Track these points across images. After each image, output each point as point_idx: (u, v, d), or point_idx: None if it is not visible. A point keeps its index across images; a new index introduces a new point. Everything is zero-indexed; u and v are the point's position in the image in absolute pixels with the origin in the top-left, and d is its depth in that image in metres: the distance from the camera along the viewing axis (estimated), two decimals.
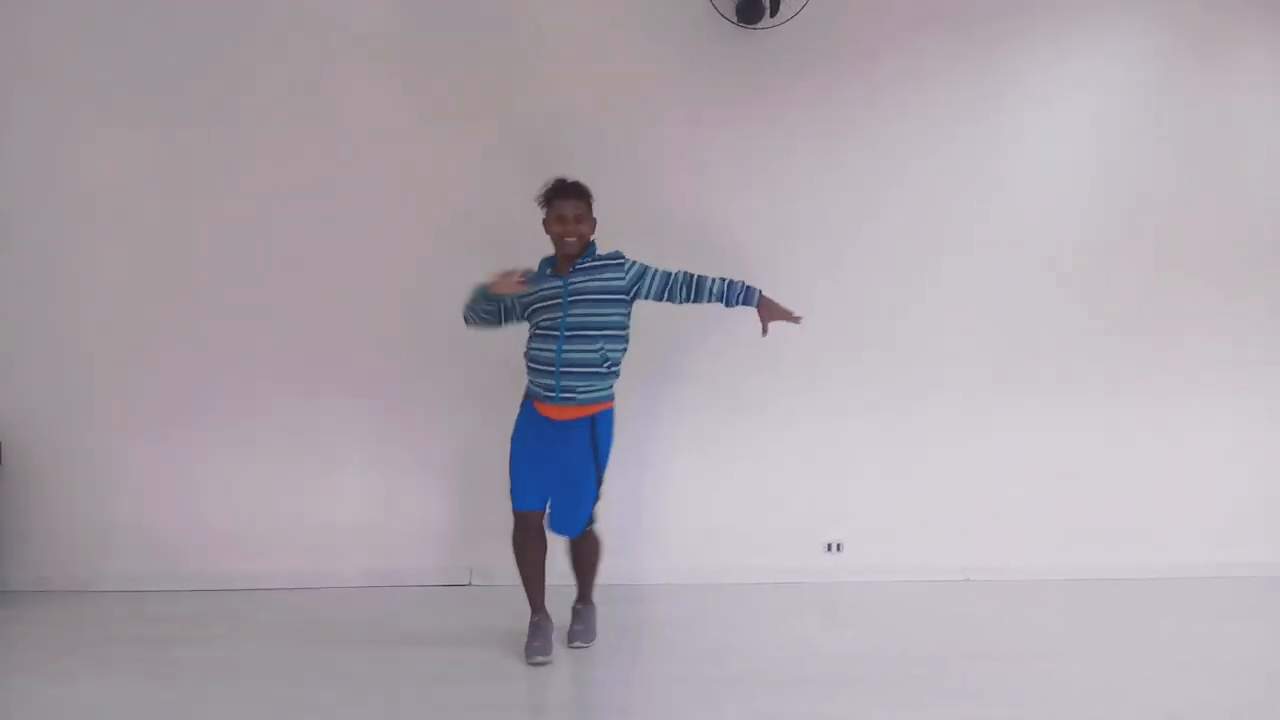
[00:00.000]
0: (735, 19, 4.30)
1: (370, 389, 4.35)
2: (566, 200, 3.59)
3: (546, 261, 3.75)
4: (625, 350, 3.68)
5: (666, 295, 3.70)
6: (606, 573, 4.37)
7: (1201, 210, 4.79)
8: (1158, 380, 4.80)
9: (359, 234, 4.32)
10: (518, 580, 3.75)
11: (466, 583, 4.44)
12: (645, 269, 3.67)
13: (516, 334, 4.16)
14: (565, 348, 3.53)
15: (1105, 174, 4.73)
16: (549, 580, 3.79)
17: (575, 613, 3.88)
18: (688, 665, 3.65)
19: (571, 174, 3.72)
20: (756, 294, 3.76)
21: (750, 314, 3.82)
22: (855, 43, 4.50)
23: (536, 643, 3.65)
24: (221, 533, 4.31)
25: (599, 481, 3.68)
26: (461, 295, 4.19)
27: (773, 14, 4.27)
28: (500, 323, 3.75)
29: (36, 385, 4.22)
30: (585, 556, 3.83)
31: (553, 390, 3.56)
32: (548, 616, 3.76)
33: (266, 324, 4.30)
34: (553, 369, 3.54)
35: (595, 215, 3.68)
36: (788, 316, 3.77)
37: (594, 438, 3.63)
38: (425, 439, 4.40)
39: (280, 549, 4.34)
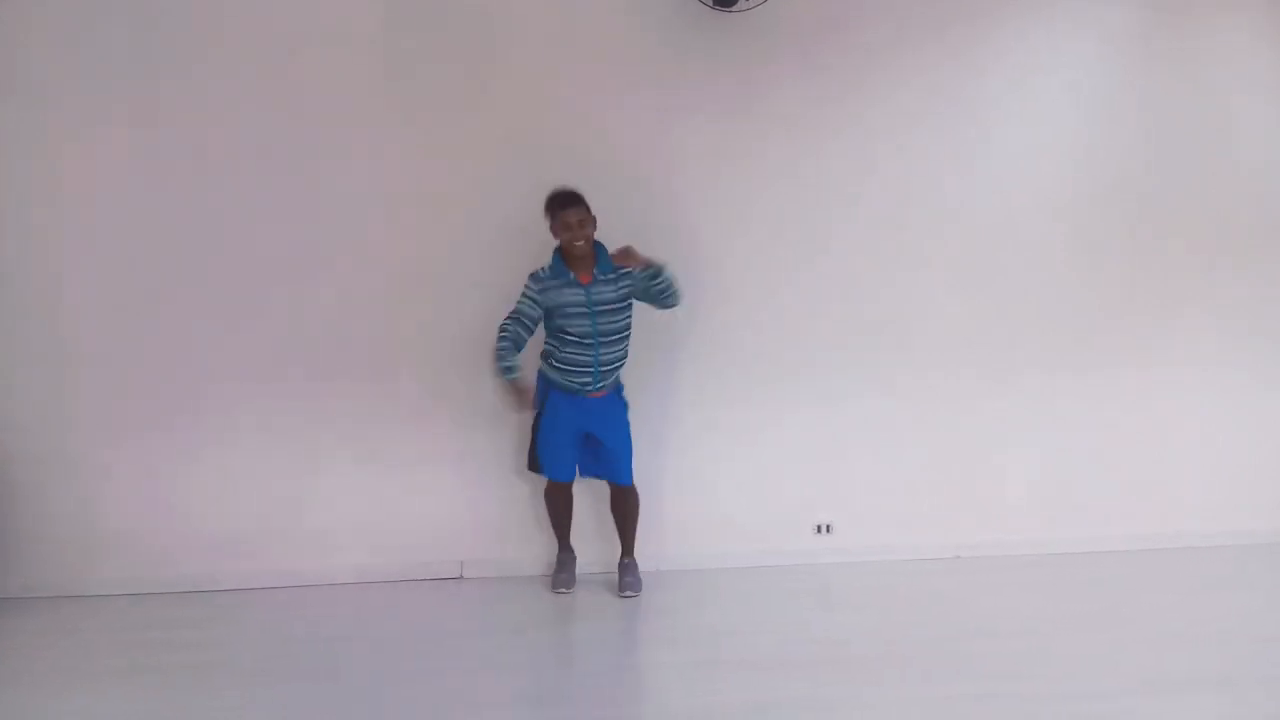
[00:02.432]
0: (711, 2, 4.28)
1: (356, 386, 4.32)
2: (568, 209, 3.90)
3: (560, 260, 3.98)
4: None
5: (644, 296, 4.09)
6: (597, 562, 4.39)
7: (1184, 182, 4.79)
8: (1144, 355, 4.81)
9: (342, 231, 4.29)
10: (507, 572, 3.86)
11: (458, 576, 4.43)
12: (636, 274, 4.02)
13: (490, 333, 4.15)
14: (601, 353, 3.98)
15: (1086, 149, 4.74)
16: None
17: (624, 566, 4.32)
18: (682, 650, 3.65)
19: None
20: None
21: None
22: (831, 24, 4.48)
23: (563, 575, 4.28)
24: (210, 534, 4.28)
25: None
26: (444, 290, 4.26)
27: None
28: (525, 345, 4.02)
29: (19, 391, 4.18)
30: (631, 508, 4.26)
31: (591, 386, 4.01)
32: (573, 552, 4.35)
33: (251, 324, 4.26)
34: (591, 369, 3.99)
35: (595, 215, 3.96)
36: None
37: (622, 398, 4.18)
38: (412, 435, 4.37)
39: (270, 549, 4.31)
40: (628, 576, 4.27)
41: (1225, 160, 4.81)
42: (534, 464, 4.21)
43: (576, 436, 4.11)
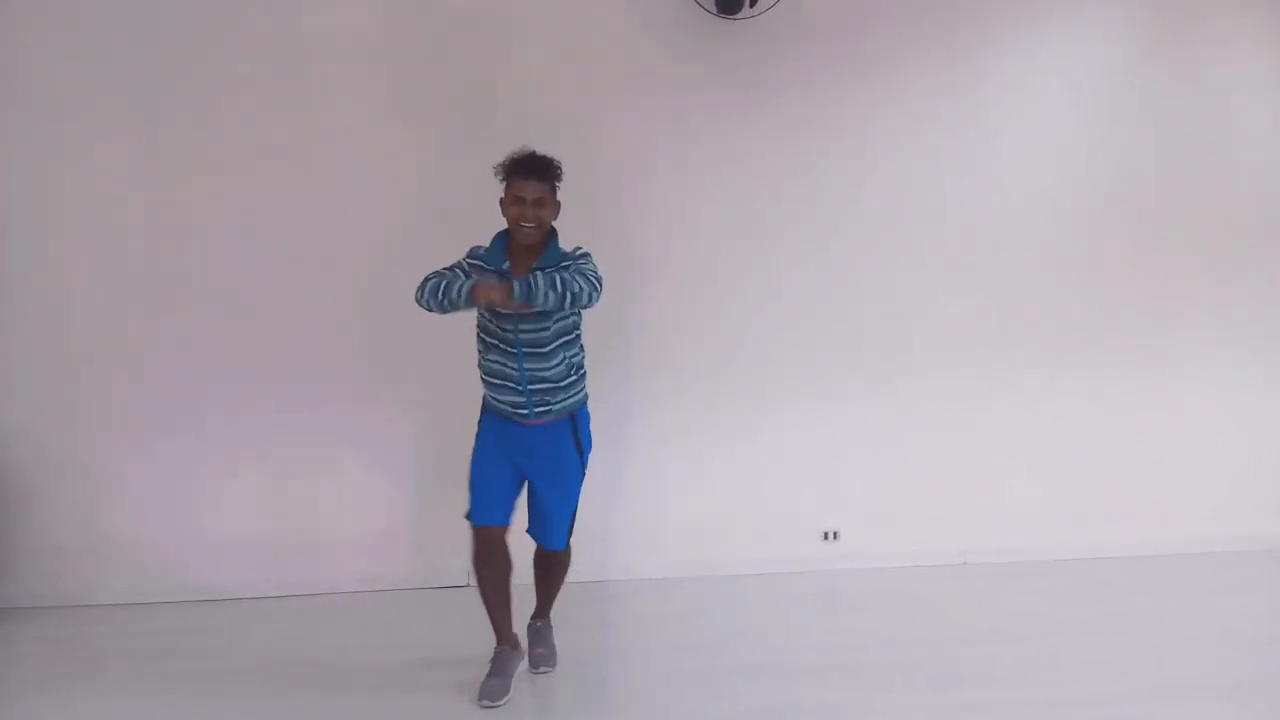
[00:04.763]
0: (715, 10, 4.29)
1: (361, 393, 4.32)
2: (527, 180, 3.15)
3: (500, 243, 3.27)
4: (583, 347, 3.36)
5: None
6: (601, 569, 4.37)
7: (1185, 182, 4.80)
8: (1149, 357, 4.82)
9: (347, 237, 4.30)
10: (513, 580, 3.57)
11: (465, 584, 4.43)
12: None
13: None
14: (527, 366, 3.18)
15: (1088, 151, 4.75)
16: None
17: (535, 632, 3.52)
18: (689, 658, 3.65)
19: None
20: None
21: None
22: (834, 30, 4.50)
23: (495, 680, 3.26)
24: (216, 543, 4.29)
25: (581, 480, 3.39)
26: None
27: (752, 4, 4.26)
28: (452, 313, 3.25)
29: (26, 400, 4.18)
30: (557, 567, 3.49)
31: (525, 408, 3.22)
32: (516, 646, 3.41)
33: (256, 331, 4.27)
34: (519, 387, 3.20)
35: (560, 200, 3.30)
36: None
37: (576, 434, 3.34)
38: (417, 441, 4.37)
39: (276, 557, 4.31)
40: (539, 647, 3.44)
41: (1226, 160, 4.83)
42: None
43: (511, 470, 3.32)
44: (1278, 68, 4.84)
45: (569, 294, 3.10)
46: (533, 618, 3.53)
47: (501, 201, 3.23)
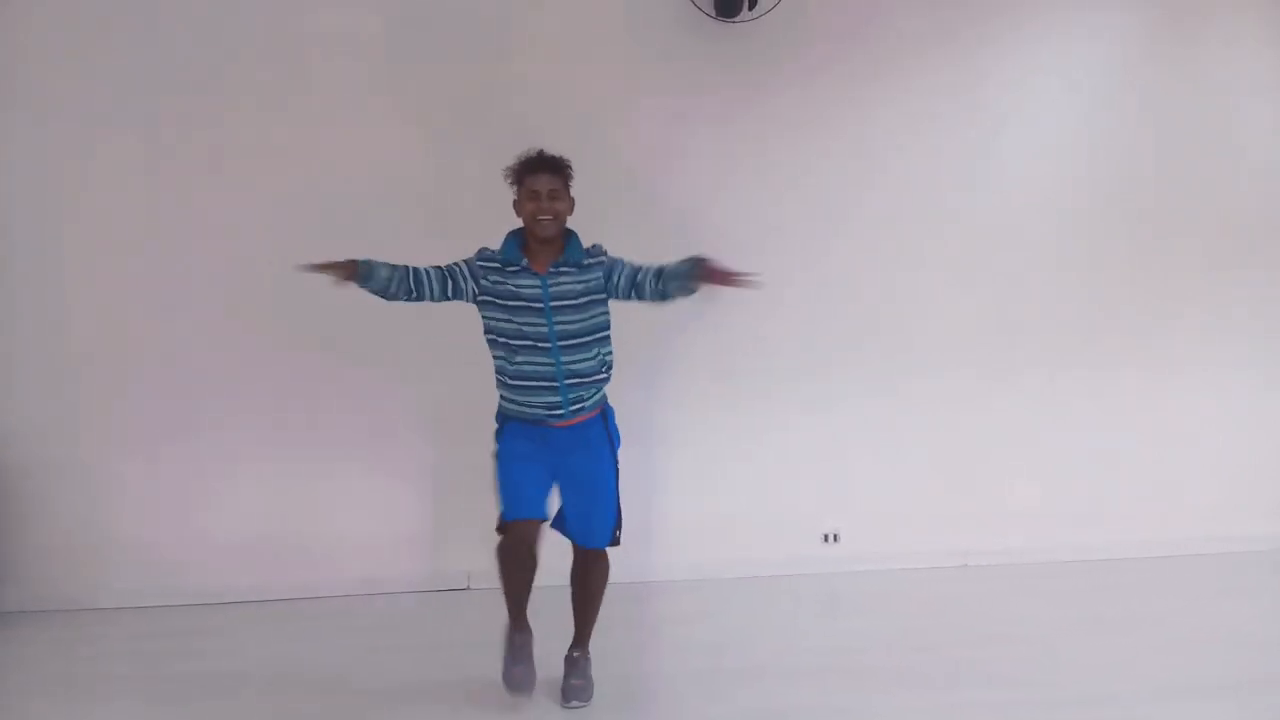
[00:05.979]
0: (714, 13, 4.29)
1: (361, 397, 4.31)
2: (540, 174, 3.15)
3: (515, 241, 3.23)
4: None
5: (634, 293, 3.20)
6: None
7: (1187, 185, 4.81)
8: (1149, 357, 4.82)
9: (346, 238, 4.24)
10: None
11: (465, 587, 4.43)
12: (615, 263, 3.24)
13: None
14: (564, 359, 3.13)
15: (1090, 151, 4.75)
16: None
17: (572, 663, 3.34)
18: (691, 660, 3.66)
19: None
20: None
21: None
22: (834, 32, 4.49)
23: (519, 668, 3.21)
24: (218, 546, 4.28)
25: (617, 474, 3.29)
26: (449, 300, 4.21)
27: (751, 7, 4.26)
28: (415, 298, 3.18)
29: (28, 402, 4.17)
30: (596, 582, 3.33)
31: (560, 408, 3.15)
32: (529, 631, 3.29)
33: (258, 333, 4.26)
34: (556, 384, 3.13)
35: (574, 198, 3.29)
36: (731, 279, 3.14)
37: (607, 428, 3.29)
38: (417, 444, 4.37)
39: (277, 560, 4.31)
40: (574, 679, 3.28)
41: (1226, 160, 4.83)
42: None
43: (543, 468, 3.21)
44: (1278, 67, 4.84)
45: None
46: (571, 648, 3.38)
47: (515, 203, 3.23)
